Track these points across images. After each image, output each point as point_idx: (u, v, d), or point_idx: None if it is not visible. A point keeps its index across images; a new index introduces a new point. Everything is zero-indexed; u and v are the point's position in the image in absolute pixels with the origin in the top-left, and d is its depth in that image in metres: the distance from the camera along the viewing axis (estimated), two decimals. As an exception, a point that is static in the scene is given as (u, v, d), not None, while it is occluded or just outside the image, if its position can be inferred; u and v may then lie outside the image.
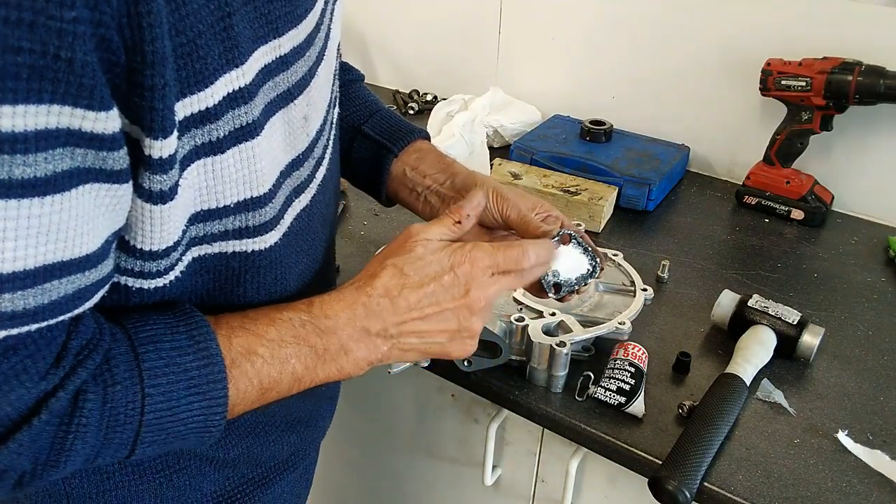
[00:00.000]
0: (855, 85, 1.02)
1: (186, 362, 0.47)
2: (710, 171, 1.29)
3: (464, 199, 0.63)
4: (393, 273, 0.56)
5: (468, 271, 0.57)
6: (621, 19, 1.27)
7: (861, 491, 0.69)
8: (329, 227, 0.66)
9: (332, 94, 0.61)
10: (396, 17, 1.56)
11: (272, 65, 0.48)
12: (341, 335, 0.54)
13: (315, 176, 0.58)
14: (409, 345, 0.57)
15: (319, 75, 0.55)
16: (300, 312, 0.54)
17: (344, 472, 1.22)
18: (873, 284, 0.99)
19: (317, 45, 0.54)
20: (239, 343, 0.50)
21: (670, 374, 0.82)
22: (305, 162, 0.55)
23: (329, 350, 0.54)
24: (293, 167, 0.54)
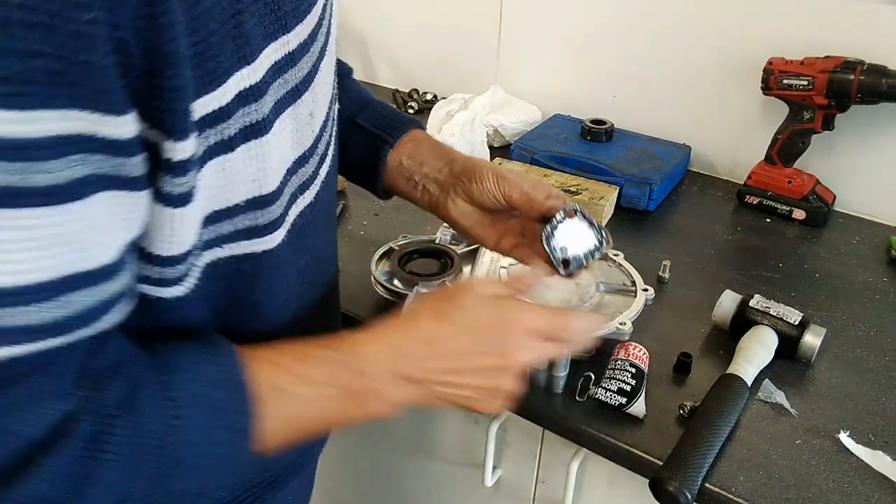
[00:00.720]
0: (857, 84, 1.01)
1: (213, 393, 0.46)
2: (712, 170, 1.29)
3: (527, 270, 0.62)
4: (435, 318, 0.54)
5: (513, 331, 0.55)
6: (622, 18, 1.27)
7: (863, 492, 0.68)
8: (331, 224, 0.65)
9: (333, 90, 0.61)
10: (396, 16, 1.56)
11: (281, 61, 0.47)
12: (370, 375, 0.52)
13: (319, 173, 0.57)
14: (439, 393, 0.55)
15: (322, 70, 0.54)
16: (329, 350, 0.52)
17: (344, 472, 1.21)
18: (875, 284, 0.99)
19: (319, 39, 0.53)
20: (266, 379, 0.48)
21: (671, 374, 0.82)
22: (311, 158, 0.55)
23: (357, 391, 0.52)
24: (300, 164, 0.53)
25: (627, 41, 1.28)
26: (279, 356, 0.50)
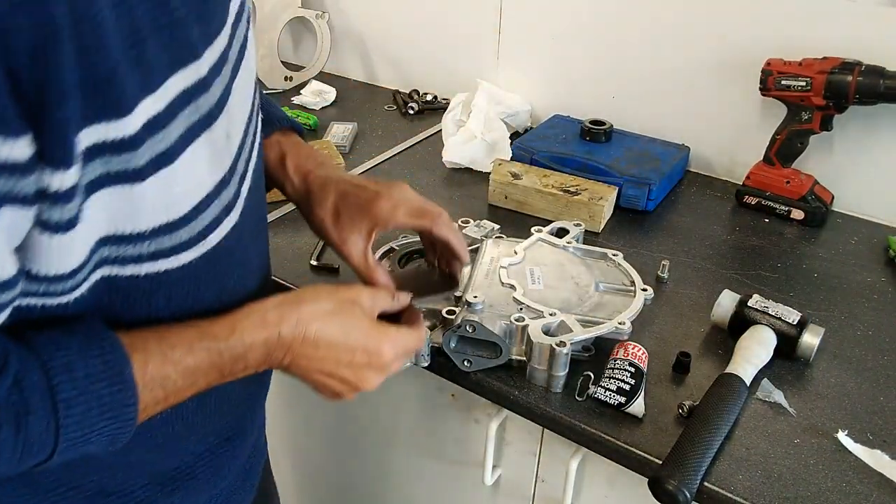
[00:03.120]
0: (855, 85, 1.02)
1: (100, 388, 0.48)
2: (710, 170, 1.29)
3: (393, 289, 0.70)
4: (324, 319, 0.60)
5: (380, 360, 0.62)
6: (621, 19, 1.27)
7: (861, 491, 0.69)
8: (259, 240, 0.65)
9: (252, 105, 0.60)
10: (396, 17, 1.56)
11: (191, 88, 0.47)
12: (249, 361, 0.57)
13: (241, 192, 0.57)
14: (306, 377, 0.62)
15: (237, 88, 0.54)
16: (219, 341, 0.55)
17: (344, 472, 1.22)
18: (873, 284, 0.99)
19: (231, 58, 0.53)
20: (154, 369, 0.51)
21: (670, 373, 0.82)
22: (232, 179, 0.55)
23: (235, 372, 0.57)
24: (221, 187, 0.53)
25: (627, 42, 1.28)
26: (168, 348, 0.53)
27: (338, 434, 1.17)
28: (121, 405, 0.49)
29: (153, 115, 0.44)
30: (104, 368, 0.48)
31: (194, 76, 0.47)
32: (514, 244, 0.94)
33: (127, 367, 0.49)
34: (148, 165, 0.45)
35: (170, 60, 0.45)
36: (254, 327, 0.57)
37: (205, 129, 0.49)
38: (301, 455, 1.28)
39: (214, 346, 0.55)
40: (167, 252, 0.51)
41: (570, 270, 0.90)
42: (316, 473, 1.29)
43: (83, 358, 0.48)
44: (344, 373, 0.62)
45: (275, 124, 0.76)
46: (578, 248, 0.94)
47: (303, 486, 1.33)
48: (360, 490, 1.21)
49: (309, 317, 0.59)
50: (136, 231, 0.48)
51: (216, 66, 0.50)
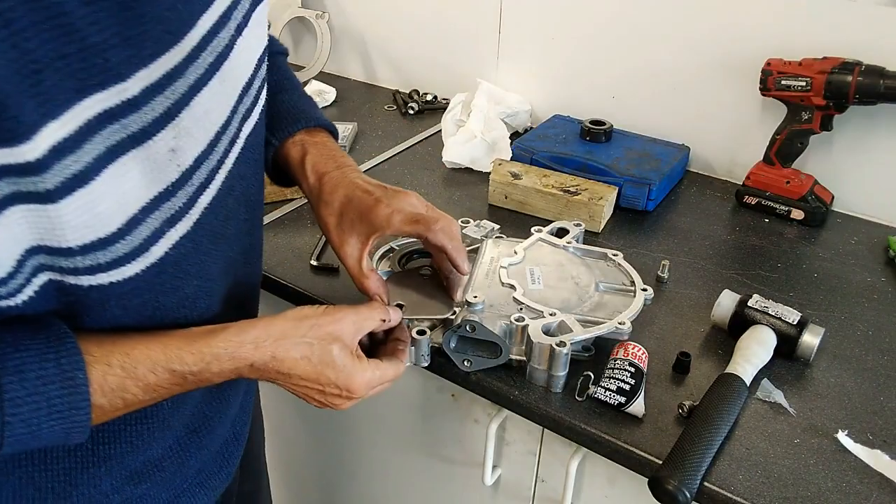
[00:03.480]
0: (855, 85, 1.02)
1: (51, 391, 0.49)
2: (710, 170, 1.29)
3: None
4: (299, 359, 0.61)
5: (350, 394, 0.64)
6: (621, 19, 1.27)
7: (861, 491, 0.69)
8: (226, 245, 0.65)
9: (233, 112, 0.60)
10: (396, 17, 1.56)
11: (114, 109, 0.48)
12: (214, 381, 0.59)
13: (197, 201, 0.57)
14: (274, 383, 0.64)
15: (202, 97, 0.54)
16: (186, 366, 0.56)
17: (344, 471, 1.22)
18: (873, 284, 0.99)
19: (197, 68, 0.53)
20: (115, 381, 0.53)
21: (670, 373, 0.82)
22: (179, 191, 0.55)
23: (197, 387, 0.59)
24: (162, 200, 0.53)
25: (627, 42, 1.28)
26: (131, 363, 0.54)
27: (337, 434, 1.17)
28: (71, 408, 0.51)
29: (60, 139, 0.45)
30: (58, 371, 0.50)
31: (116, 98, 0.47)
32: (514, 244, 0.94)
33: (80, 372, 0.51)
34: (60, 188, 0.46)
35: (79, 86, 0.45)
36: (225, 360, 0.58)
37: (135, 145, 0.50)
38: (300, 454, 1.28)
39: (180, 370, 0.56)
40: (106, 266, 0.52)
41: (570, 270, 0.90)
42: (315, 473, 1.29)
43: (38, 360, 0.49)
44: (316, 397, 0.65)
45: (300, 123, 0.78)
46: (578, 248, 0.94)
47: (302, 486, 1.33)
48: (360, 490, 1.21)
49: (283, 355, 0.61)
50: (65, 246, 0.49)
51: (156, 84, 0.50)
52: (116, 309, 0.55)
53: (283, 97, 0.81)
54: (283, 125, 0.78)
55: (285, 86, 0.83)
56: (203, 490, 0.73)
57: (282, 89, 0.82)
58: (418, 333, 0.77)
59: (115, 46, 0.46)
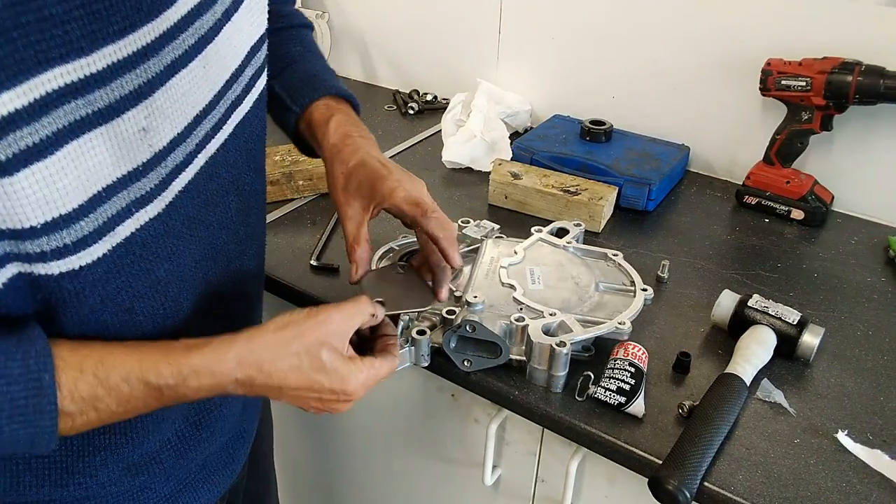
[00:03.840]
0: (855, 85, 1.02)
1: (14, 392, 0.48)
2: (710, 170, 1.29)
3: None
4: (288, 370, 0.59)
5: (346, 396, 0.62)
6: (621, 19, 1.27)
7: (861, 491, 0.69)
8: (209, 230, 0.64)
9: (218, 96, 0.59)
10: (396, 17, 1.56)
11: (77, 84, 0.47)
12: (192, 398, 0.56)
13: (171, 184, 0.57)
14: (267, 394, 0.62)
15: (180, 79, 0.54)
16: (162, 378, 0.54)
17: (343, 471, 1.22)
18: (873, 284, 0.99)
19: (175, 48, 0.53)
20: (85, 388, 0.51)
21: (670, 373, 0.82)
22: (150, 173, 0.54)
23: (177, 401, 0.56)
24: (131, 179, 0.53)
25: (626, 42, 1.28)
26: (104, 370, 0.52)
27: (338, 434, 1.18)
28: (35, 411, 0.49)
29: (13, 109, 0.44)
30: (23, 371, 0.48)
31: (80, 73, 0.47)
32: (514, 244, 0.94)
33: (47, 374, 0.49)
34: (13, 160, 0.45)
35: (38, 58, 0.45)
36: (205, 376, 0.56)
37: (102, 122, 0.49)
38: (300, 454, 1.28)
39: (155, 383, 0.54)
40: (73, 247, 0.51)
41: (570, 270, 0.90)
42: (315, 472, 1.29)
43: (4, 358, 0.48)
44: (313, 403, 0.63)
45: (322, 90, 0.79)
46: (578, 248, 0.94)
47: (302, 486, 1.33)
48: (360, 489, 1.21)
49: (270, 368, 0.58)
50: (27, 225, 0.48)
51: (125, 61, 0.49)
52: (93, 298, 0.54)
53: (304, 66, 0.81)
54: (305, 92, 0.79)
55: (307, 56, 0.83)
56: (207, 485, 0.73)
57: (303, 58, 0.82)
58: (418, 333, 0.77)
59: (76, 19, 0.46)
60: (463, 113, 1.35)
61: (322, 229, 1.08)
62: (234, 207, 0.66)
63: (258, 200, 0.72)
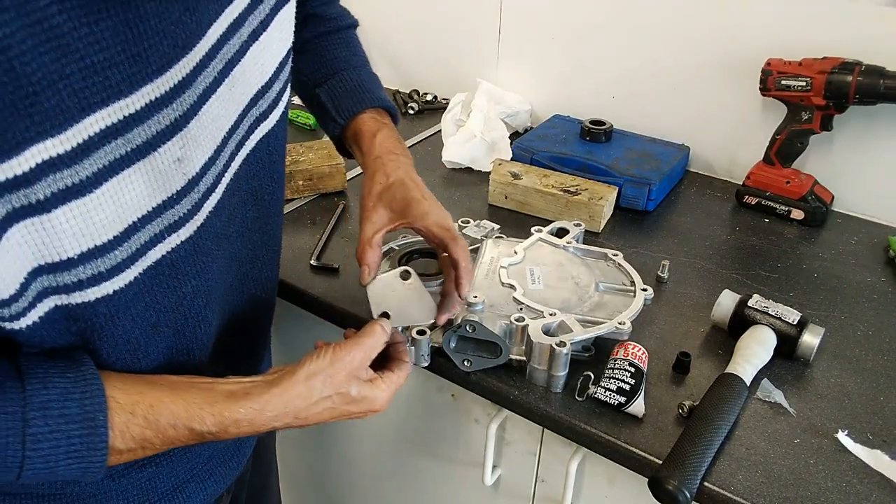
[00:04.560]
0: (855, 85, 1.02)
1: (71, 430, 0.51)
2: (710, 170, 1.29)
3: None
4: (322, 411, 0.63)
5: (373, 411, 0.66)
6: (621, 19, 1.27)
7: (861, 491, 0.69)
8: (230, 242, 0.65)
9: (242, 116, 0.61)
10: (396, 16, 1.56)
11: (118, 125, 0.48)
12: (230, 434, 0.59)
13: (202, 207, 0.58)
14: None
15: (211, 105, 0.55)
16: (206, 426, 0.57)
17: (343, 471, 1.22)
18: (873, 284, 0.99)
19: (206, 77, 0.54)
20: (136, 432, 0.55)
21: (670, 373, 0.82)
22: (184, 199, 0.56)
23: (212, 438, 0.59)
24: (164, 208, 0.54)
25: (626, 42, 1.28)
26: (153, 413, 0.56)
27: (338, 433, 1.18)
28: (89, 448, 0.52)
29: (55, 155, 0.45)
30: (80, 411, 0.52)
31: (119, 114, 0.48)
32: (514, 244, 0.94)
33: (101, 414, 0.53)
34: (51, 198, 0.46)
35: (82, 105, 0.46)
36: (244, 426, 0.59)
37: (139, 158, 0.50)
38: (300, 453, 1.28)
39: (199, 430, 0.57)
40: (108, 274, 0.52)
41: (570, 270, 0.90)
42: (316, 472, 1.29)
43: (63, 398, 0.51)
44: (345, 417, 0.67)
45: (366, 102, 0.82)
46: (578, 248, 0.94)
47: (302, 485, 1.33)
48: (360, 489, 1.21)
49: (307, 415, 0.62)
50: (64, 257, 0.49)
51: (163, 98, 0.50)
52: (124, 319, 0.56)
53: (350, 74, 0.83)
54: (351, 104, 0.82)
55: (353, 62, 0.85)
56: (213, 477, 0.74)
57: (349, 65, 0.84)
58: (418, 333, 0.77)
59: (118, 64, 0.46)
60: (463, 113, 1.35)
61: (322, 229, 1.08)
62: (251, 216, 0.68)
63: (276, 208, 0.74)
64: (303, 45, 0.85)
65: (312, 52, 0.85)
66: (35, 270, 0.49)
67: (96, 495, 0.64)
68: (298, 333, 1.10)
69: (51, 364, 0.53)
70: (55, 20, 0.42)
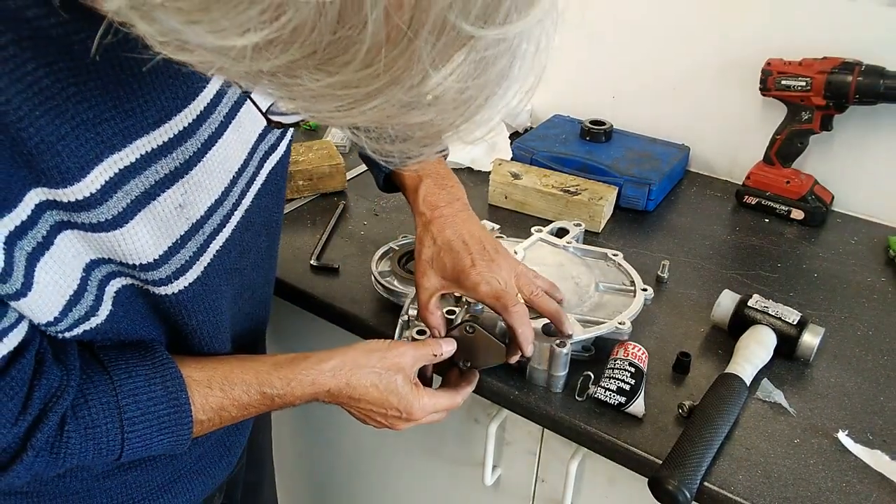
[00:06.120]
0: (855, 85, 1.02)
1: (160, 410, 0.58)
2: (710, 170, 1.29)
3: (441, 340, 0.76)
4: (368, 386, 0.68)
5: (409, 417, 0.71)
6: (621, 19, 1.27)
7: (861, 491, 0.69)
8: (241, 275, 0.67)
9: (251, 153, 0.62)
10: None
11: (115, 178, 0.49)
12: (296, 403, 0.67)
13: (208, 248, 0.59)
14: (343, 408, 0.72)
15: (216, 151, 0.55)
16: (274, 389, 0.65)
17: (343, 471, 1.22)
18: (873, 284, 0.99)
19: (211, 124, 0.54)
20: (214, 402, 0.62)
21: (670, 373, 0.82)
22: (188, 242, 0.57)
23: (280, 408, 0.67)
24: (169, 255, 0.55)
25: (627, 42, 1.28)
26: (228, 385, 0.63)
27: (338, 433, 1.17)
28: (177, 424, 0.59)
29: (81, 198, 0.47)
30: (164, 393, 0.58)
31: (114, 168, 0.48)
32: (514, 244, 0.94)
33: (183, 393, 0.59)
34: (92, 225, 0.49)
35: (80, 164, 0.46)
36: (307, 385, 0.66)
37: (141, 208, 0.51)
38: (300, 453, 1.28)
39: (269, 392, 0.64)
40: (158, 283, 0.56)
41: (570, 270, 0.90)
42: (316, 472, 1.29)
43: (148, 383, 0.57)
44: (380, 418, 0.72)
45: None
46: (578, 248, 0.94)
47: (302, 485, 1.33)
48: (360, 489, 1.21)
49: (356, 382, 0.68)
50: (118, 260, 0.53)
51: (160, 149, 0.51)
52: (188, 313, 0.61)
53: None
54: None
55: None
56: (202, 477, 0.75)
57: None
58: (418, 333, 0.77)
59: (107, 120, 0.47)
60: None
61: (322, 229, 1.08)
62: (263, 246, 0.70)
63: (280, 229, 0.75)
64: None
65: None
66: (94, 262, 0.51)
67: (79, 493, 0.65)
68: (298, 333, 1.10)
69: (129, 354, 0.58)
70: (43, 83, 0.42)
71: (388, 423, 0.72)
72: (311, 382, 0.66)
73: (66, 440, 0.54)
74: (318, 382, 0.66)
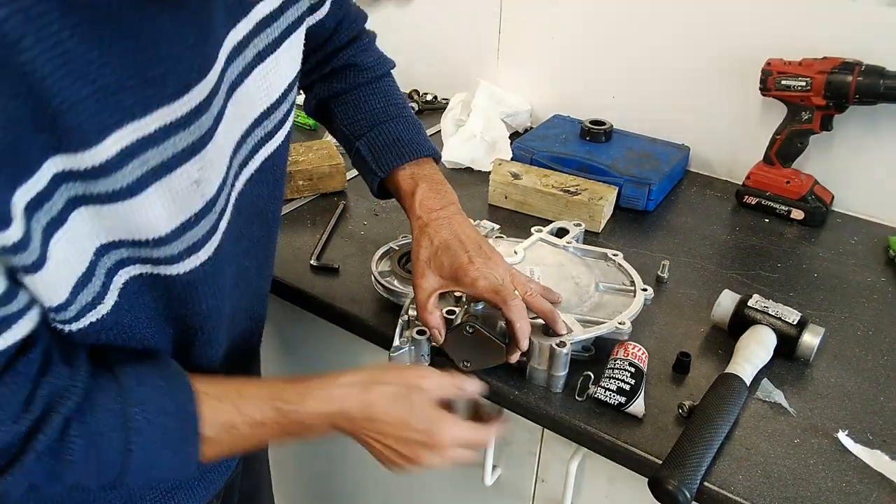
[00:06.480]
0: (855, 85, 1.02)
1: (167, 422, 0.56)
2: (710, 170, 1.29)
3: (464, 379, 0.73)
4: (389, 401, 0.66)
5: (433, 440, 0.67)
6: (621, 19, 1.27)
7: (861, 491, 0.69)
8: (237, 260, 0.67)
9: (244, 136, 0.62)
10: (396, 16, 1.56)
11: (133, 146, 0.49)
12: (311, 425, 0.64)
13: (218, 227, 0.59)
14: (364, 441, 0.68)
15: (222, 127, 0.56)
16: (288, 404, 0.62)
17: (343, 471, 1.22)
18: (873, 284, 0.99)
19: (219, 100, 0.55)
20: (224, 417, 0.60)
21: (670, 373, 0.82)
22: (203, 219, 0.56)
23: (295, 432, 0.64)
24: (184, 230, 0.55)
25: (627, 42, 1.28)
26: (241, 401, 0.61)
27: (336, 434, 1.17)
28: (182, 438, 0.57)
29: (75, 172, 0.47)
30: (173, 404, 0.57)
31: (133, 136, 0.48)
32: (514, 244, 0.94)
33: (191, 404, 0.57)
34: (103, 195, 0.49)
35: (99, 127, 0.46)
36: (322, 400, 0.64)
37: (157, 179, 0.51)
38: (299, 453, 1.28)
39: (283, 407, 0.62)
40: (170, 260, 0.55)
41: (570, 270, 0.90)
42: (315, 472, 1.29)
43: (157, 393, 0.56)
44: (401, 448, 0.67)
45: (406, 156, 0.82)
46: (578, 248, 0.94)
47: (302, 485, 1.33)
48: (360, 489, 1.21)
49: (375, 398, 0.65)
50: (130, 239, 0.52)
51: (179, 122, 0.51)
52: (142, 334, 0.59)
53: (389, 127, 0.83)
54: (388, 158, 0.82)
55: (391, 112, 0.85)
56: (202, 483, 0.74)
57: (387, 117, 0.84)
58: (418, 333, 0.77)
59: (128, 88, 0.47)
60: (463, 113, 1.35)
61: (322, 229, 1.08)
62: (257, 235, 0.69)
63: (277, 225, 0.75)
64: (341, 96, 0.86)
65: (351, 103, 0.86)
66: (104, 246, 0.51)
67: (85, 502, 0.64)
68: (298, 333, 1.10)
69: (140, 362, 0.57)
70: (68, 44, 0.43)
71: (411, 454, 0.67)
72: (325, 397, 0.64)
73: (69, 446, 0.52)
74: (333, 397, 0.64)
